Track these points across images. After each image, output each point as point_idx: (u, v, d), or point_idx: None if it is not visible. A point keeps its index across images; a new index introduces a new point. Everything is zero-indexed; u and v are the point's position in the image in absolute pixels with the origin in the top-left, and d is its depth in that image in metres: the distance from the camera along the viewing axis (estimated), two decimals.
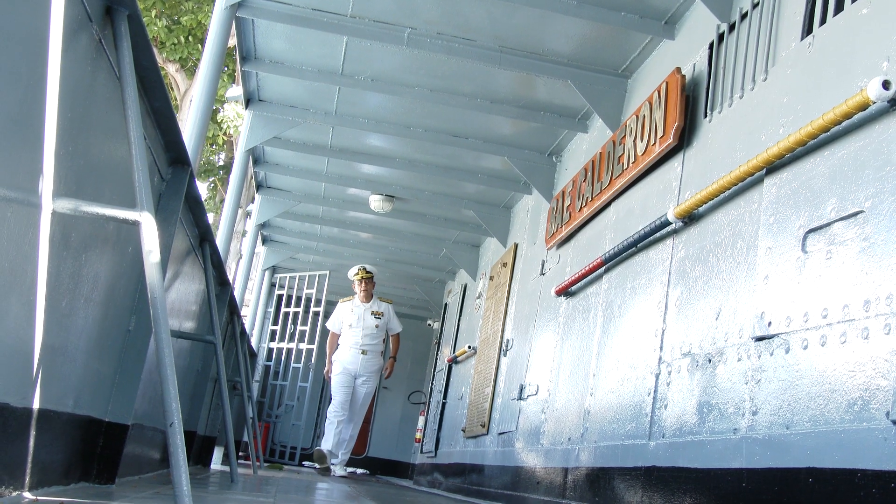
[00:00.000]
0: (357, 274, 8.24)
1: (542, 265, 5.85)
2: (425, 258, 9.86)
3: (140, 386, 2.66)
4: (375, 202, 7.84)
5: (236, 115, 15.49)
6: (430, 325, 11.61)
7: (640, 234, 3.83)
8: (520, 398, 5.53)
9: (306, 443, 11.87)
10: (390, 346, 8.69)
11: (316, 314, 10.92)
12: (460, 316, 9.04)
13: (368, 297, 8.30)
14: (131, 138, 1.94)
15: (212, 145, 18.39)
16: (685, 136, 3.74)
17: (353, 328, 8.18)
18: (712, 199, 3.19)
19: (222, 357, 4.04)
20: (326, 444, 7.92)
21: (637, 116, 4.23)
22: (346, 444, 8.02)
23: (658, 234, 3.73)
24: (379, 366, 8.32)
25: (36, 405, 1.86)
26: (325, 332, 10.72)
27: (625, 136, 4.38)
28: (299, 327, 11.13)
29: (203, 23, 14.88)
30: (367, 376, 8.15)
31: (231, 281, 5.35)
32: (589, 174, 4.95)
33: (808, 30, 2.85)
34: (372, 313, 8.25)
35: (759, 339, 2.65)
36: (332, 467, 7.87)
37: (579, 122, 5.62)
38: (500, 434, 5.91)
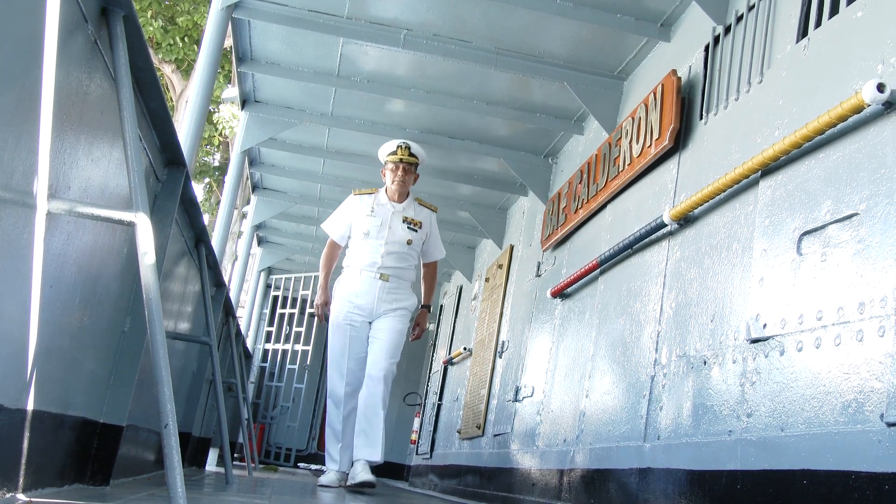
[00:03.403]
0: (395, 153, 4.99)
1: (538, 267, 5.85)
2: None
3: (135, 387, 2.66)
4: None
5: (232, 117, 15.48)
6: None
7: (636, 236, 3.83)
8: (515, 400, 5.53)
9: (301, 444, 11.86)
10: (422, 280, 5.34)
11: (311, 316, 10.92)
12: (456, 317, 9.04)
13: (404, 193, 5.04)
14: (127, 139, 1.94)
15: (207, 146, 18.37)
16: (681, 138, 3.74)
17: (372, 240, 4.93)
18: (708, 201, 3.20)
19: (217, 358, 4.03)
20: (333, 464, 4.83)
21: (633, 118, 4.24)
22: (369, 438, 4.69)
23: (654, 236, 3.73)
24: (409, 302, 5.01)
25: (30, 406, 1.86)
26: (322, 332, 10.61)
27: (620, 138, 4.39)
28: (295, 329, 11.13)
29: (199, 24, 14.87)
30: (389, 313, 4.91)
31: (226, 282, 5.34)
32: (585, 176, 4.95)
33: (803, 32, 2.86)
34: (405, 221, 5.01)
35: (754, 341, 2.65)
36: (370, 479, 4.60)
37: (575, 123, 5.63)
38: (495, 436, 5.91)
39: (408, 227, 5.00)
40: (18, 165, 1.57)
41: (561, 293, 4.99)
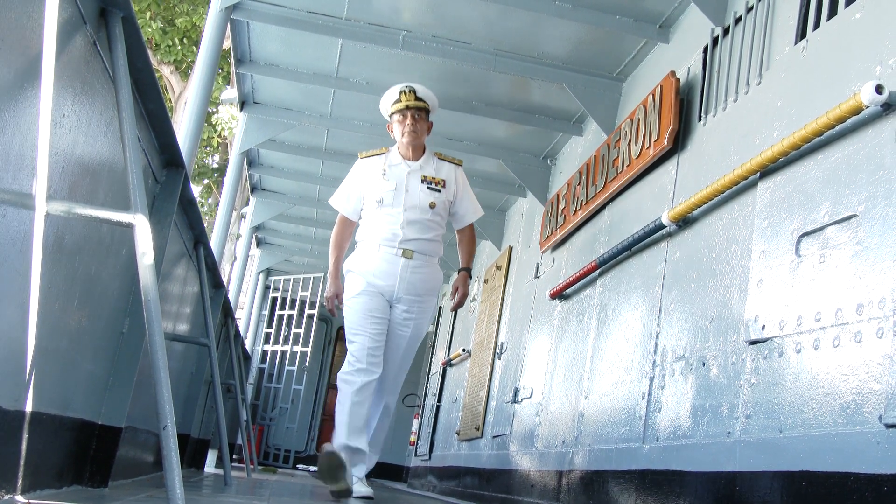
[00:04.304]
0: (399, 100, 4.19)
1: (537, 268, 5.86)
2: None
3: (133, 388, 2.66)
4: None
5: (231, 118, 15.48)
6: None
7: (635, 238, 3.83)
8: (514, 401, 5.53)
9: (300, 446, 11.86)
10: (459, 247, 4.56)
11: (310, 317, 10.92)
12: (455, 319, 9.04)
13: (419, 147, 4.24)
14: (125, 140, 1.94)
15: (206, 147, 18.36)
16: (679, 140, 3.75)
17: (388, 208, 4.13)
18: (706, 202, 3.20)
19: (216, 360, 4.03)
20: (340, 438, 3.95)
21: (632, 120, 4.24)
22: (375, 436, 4.16)
23: (652, 238, 3.73)
24: (436, 283, 4.27)
25: (28, 408, 1.85)
26: (321, 333, 10.62)
27: (619, 139, 4.39)
28: (293, 330, 11.12)
29: (198, 25, 14.87)
30: (413, 302, 4.15)
31: (225, 283, 5.34)
32: (583, 177, 4.96)
33: (801, 34, 2.86)
34: (424, 180, 4.19)
35: (753, 342, 2.66)
36: (351, 484, 3.89)
37: (574, 125, 5.63)
38: (494, 437, 5.91)
39: (428, 188, 4.16)
40: (17, 166, 1.57)
41: (560, 294, 4.99)
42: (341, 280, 4.25)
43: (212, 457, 6.72)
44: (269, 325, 11.48)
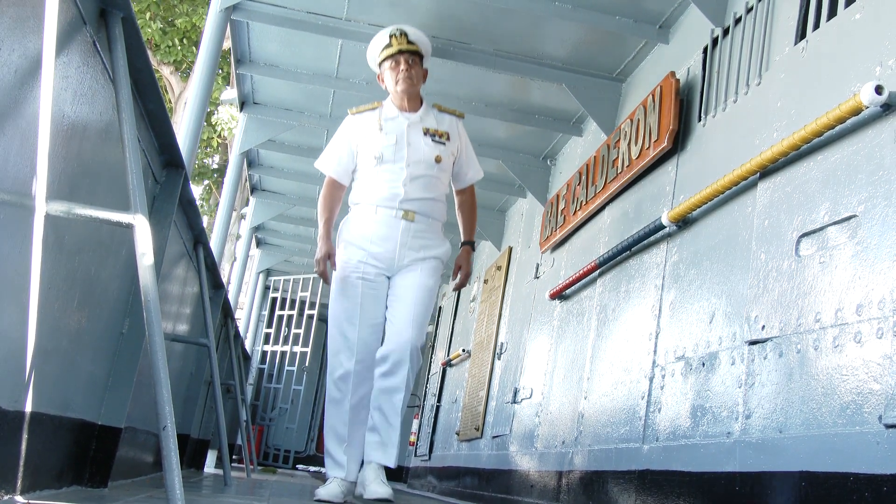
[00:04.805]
0: (390, 44, 3.83)
1: (537, 269, 5.86)
2: None
3: (133, 389, 2.66)
4: None
5: (231, 118, 15.48)
6: None
7: (635, 238, 3.83)
8: (514, 401, 5.53)
9: (300, 446, 11.87)
10: (458, 213, 4.08)
11: (310, 317, 10.92)
12: (454, 319, 9.04)
13: (415, 96, 3.81)
14: (125, 141, 1.94)
15: (206, 148, 18.37)
16: (679, 140, 3.75)
17: (389, 164, 3.68)
18: (706, 202, 3.20)
19: (216, 360, 4.03)
20: (337, 471, 3.53)
21: (631, 120, 4.24)
22: (383, 435, 3.51)
23: (652, 238, 3.73)
24: (443, 250, 3.79)
25: (28, 408, 1.85)
26: (321, 333, 10.59)
27: (619, 139, 4.39)
28: (293, 330, 11.13)
29: (198, 25, 14.87)
30: (417, 266, 3.68)
31: (225, 284, 5.34)
32: (583, 178, 4.96)
33: (801, 34, 2.86)
34: (426, 132, 3.76)
35: (753, 342, 2.66)
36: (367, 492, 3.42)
37: (574, 125, 5.63)
38: (493, 437, 5.91)
39: (433, 141, 3.72)
40: (16, 166, 1.57)
41: (559, 295, 4.99)
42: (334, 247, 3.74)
43: (211, 457, 6.73)
44: (269, 325, 11.48)
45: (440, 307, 10.33)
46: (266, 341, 11.55)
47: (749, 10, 3.28)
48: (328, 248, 3.70)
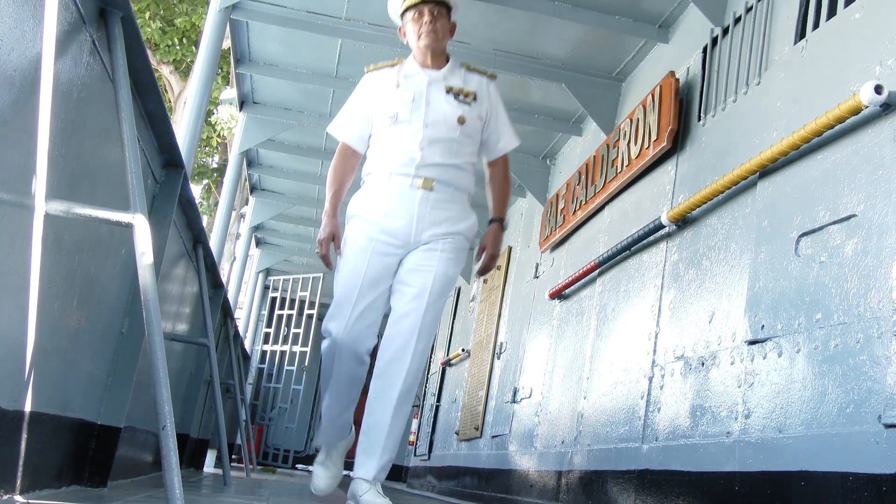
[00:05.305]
0: None
1: (536, 268, 5.86)
2: None
3: (133, 388, 2.66)
4: None
5: (230, 118, 15.47)
6: None
7: (634, 238, 3.83)
8: (513, 401, 5.53)
9: (299, 446, 11.86)
10: (488, 187, 3.38)
11: (310, 317, 10.92)
12: (454, 318, 9.04)
13: (439, 51, 3.21)
14: (125, 140, 1.94)
15: (205, 147, 18.36)
16: (679, 140, 3.75)
17: (404, 124, 3.12)
18: (706, 202, 3.20)
19: (215, 359, 4.03)
20: (317, 439, 3.42)
21: (631, 120, 4.24)
22: (387, 431, 3.00)
23: (652, 238, 3.73)
24: (468, 225, 3.17)
25: (28, 408, 1.85)
26: (320, 332, 10.63)
27: (619, 139, 4.39)
28: (293, 330, 11.13)
29: (197, 25, 14.87)
30: (437, 245, 3.10)
31: (224, 283, 5.34)
32: (583, 177, 4.96)
33: (801, 34, 2.86)
34: (449, 91, 3.17)
35: (752, 342, 2.66)
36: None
37: (573, 125, 5.63)
38: (493, 437, 5.91)
39: (456, 100, 3.16)
40: (16, 166, 1.57)
41: (559, 294, 4.99)
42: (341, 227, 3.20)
43: (211, 457, 6.72)
44: (269, 324, 11.48)
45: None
46: (265, 341, 11.55)
47: (749, 10, 3.28)
48: (333, 227, 3.16)
